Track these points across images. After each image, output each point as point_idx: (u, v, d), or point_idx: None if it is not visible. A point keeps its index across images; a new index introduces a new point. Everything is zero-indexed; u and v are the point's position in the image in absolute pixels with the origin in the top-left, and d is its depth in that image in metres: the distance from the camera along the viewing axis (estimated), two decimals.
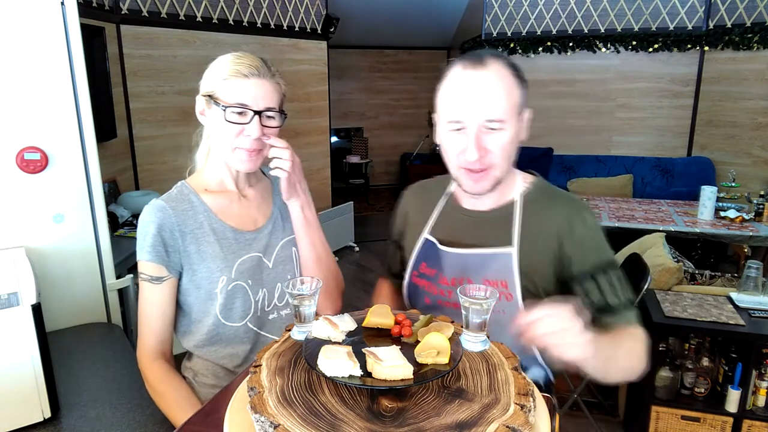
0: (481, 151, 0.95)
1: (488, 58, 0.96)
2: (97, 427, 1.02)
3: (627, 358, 0.94)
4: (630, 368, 0.95)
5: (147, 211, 1.05)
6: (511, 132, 0.96)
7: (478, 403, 0.64)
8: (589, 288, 1.01)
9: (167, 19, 3.52)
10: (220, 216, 1.09)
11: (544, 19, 5.06)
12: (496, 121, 0.94)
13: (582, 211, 1.04)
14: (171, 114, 3.63)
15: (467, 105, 0.94)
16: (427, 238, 1.12)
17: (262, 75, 1.03)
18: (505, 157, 0.98)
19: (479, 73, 0.94)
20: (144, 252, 1.03)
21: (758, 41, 4.21)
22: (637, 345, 0.96)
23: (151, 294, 1.04)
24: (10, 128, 1.35)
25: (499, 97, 0.94)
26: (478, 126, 0.94)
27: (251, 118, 1.01)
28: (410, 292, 1.17)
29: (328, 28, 4.66)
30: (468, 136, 0.95)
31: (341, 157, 7.16)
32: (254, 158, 1.05)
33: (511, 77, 0.97)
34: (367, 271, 4.66)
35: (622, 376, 0.95)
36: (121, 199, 3.07)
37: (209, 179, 1.13)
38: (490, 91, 0.94)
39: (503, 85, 0.95)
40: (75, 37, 1.42)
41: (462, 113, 0.95)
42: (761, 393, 2.05)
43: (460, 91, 0.96)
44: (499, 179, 1.01)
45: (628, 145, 5.09)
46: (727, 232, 3.07)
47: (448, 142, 1.00)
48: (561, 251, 1.02)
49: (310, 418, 0.61)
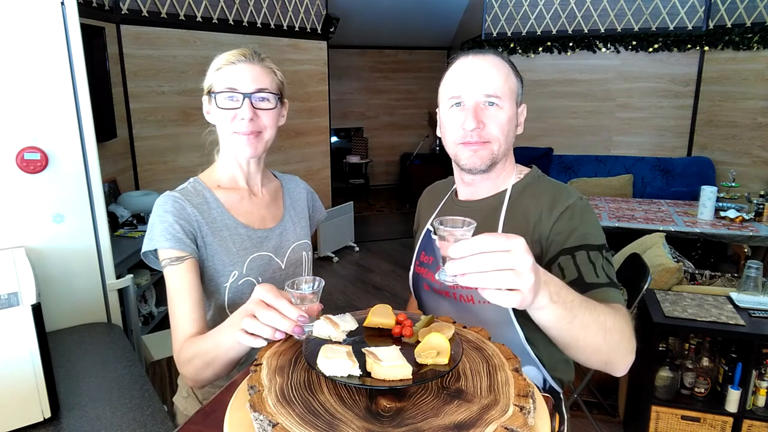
0: (479, 123, 1.00)
1: (489, 50, 1.04)
2: (97, 427, 1.02)
3: (596, 330, 0.78)
4: (599, 345, 0.79)
5: (163, 201, 1.04)
6: (509, 112, 1.02)
7: (477, 404, 0.64)
8: (565, 265, 0.93)
9: (167, 19, 3.52)
10: (232, 212, 1.10)
11: (544, 19, 5.06)
12: (494, 96, 1.00)
13: (568, 194, 1.01)
14: (171, 114, 3.63)
15: (467, 81, 1.01)
16: (428, 228, 1.17)
17: (250, 60, 1.05)
18: (503, 134, 1.02)
19: (479, 58, 1.02)
20: (162, 240, 1.00)
21: (758, 41, 4.21)
22: (611, 320, 0.80)
23: (176, 276, 1.00)
24: (10, 128, 1.35)
25: (497, 76, 1.01)
26: (476, 100, 1.00)
27: (242, 102, 1.03)
28: (414, 281, 1.21)
29: (328, 28, 4.66)
30: (467, 109, 1.01)
31: (341, 157, 7.17)
32: (254, 142, 1.06)
33: (509, 68, 1.04)
34: (367, 271, 4.66)
35: (592, 350, 0.80)
36: (121, 199, 3.08)
37: (221, 175, 1.14)
38: (489, 70, 1.01)
39: (501, 69, 1.02)
40: (75, 37, 1.42)
41: (462, 88, 1.01)
42: (761, 393, 2.05)
43: (462, 72, 1.03)
44: (496, 157, 1.03)
45: (628, 145, 5.09)
46: (727, 232, 3.07)
47: (448, 119, 1.04)
48: (542, 234, 0.98)
49: (308, 417, 0.61)
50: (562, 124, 5.26)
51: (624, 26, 4.87)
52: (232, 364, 0.93)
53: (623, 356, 0.84)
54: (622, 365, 0.85)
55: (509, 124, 1.02)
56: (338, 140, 7.69)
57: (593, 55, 5.02)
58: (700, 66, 4.70)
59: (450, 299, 1.08)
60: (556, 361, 1.06)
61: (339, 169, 6.87)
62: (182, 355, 0.98)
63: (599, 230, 0.98)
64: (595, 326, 0.77)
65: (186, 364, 0.97)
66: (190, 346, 0.96)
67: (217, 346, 0.89)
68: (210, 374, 0.95)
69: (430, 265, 1.14)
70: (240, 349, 0.87)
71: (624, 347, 0.83)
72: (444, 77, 1.07)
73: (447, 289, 1.07)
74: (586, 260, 0.92)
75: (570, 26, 5.01)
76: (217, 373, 0.94)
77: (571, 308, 0.74)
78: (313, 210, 1.31)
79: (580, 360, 0.85)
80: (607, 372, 0.87)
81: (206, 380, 0.97)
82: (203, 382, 0.98)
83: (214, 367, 0.93)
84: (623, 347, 0.83)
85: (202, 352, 0.93)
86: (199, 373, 0.95)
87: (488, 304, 0.95)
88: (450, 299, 1.08)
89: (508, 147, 1.06)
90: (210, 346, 0.91)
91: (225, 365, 0.92)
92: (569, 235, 0.95)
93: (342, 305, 3.92)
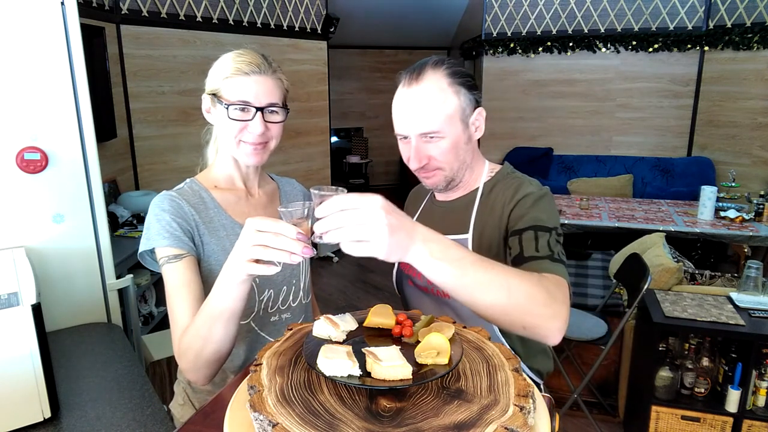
0: (422, 159, 1.04)
1: (426, 71, 1.02)
2: (97, 427, 1.02)
3: (496, 289, 0.77)
4: (503, 305, 0.78)
5: (159, 201, 1.03)
6: (452, 138, 1.03)
7: (477, 404, 0.64)
8: (512, 244, 0.98)
9: (167, 19, 3.52)
10: (229, 212, 1.10)
11: (544, 19, 5.06)
12: (431, 133, 1.02)
13: (528, 184, 1.06)
14: (171, 114, 3.63)
15: (405, 119, 1.04)
16: None
17: (263, 72, 1.04)
18: (450, 160, 1.05)
19: (413, 90, 1.02)
20: (159, 238, 0.99)
21: (758, 41, 4.21)
22: (517, 281, 0.79)
23: (174, 273, 0.99)
24: (10, 128, 1.35)
25: (432, 111, 1.01)
26: (417, 137, 1.03)
27: (254, 115, 1.03)
28: (398, 277, 1.25)
29: (328, 28, 4.66)
30: (410, 147, 1.05)
31: (341, 157, 7.17)
32: (260, 151, 1.06)
33: (447, 87, 1.02)
34: (367, 271, 4.66)
35: (499, 311, 0.79)
36: (121, 199, 3.08)
37: (218, 176, 1.14)
38: (422, 106, 1.01)
39: (436, 98, 1.01)
40: (75, 37, 1.42)
41: (402, 126, 1.05)
42: (761, 393, 2.05)
43: (400, 107, 1.05)
44: (450, 177, 1.09)
45: (628, 145, 5.09)
46: (727, 232, 3.07)
47: (401, 149, 1.09)
48: (503, 222, 1.05)
49: (308, 417, 0.61)
50: (562, 124, 5.27)
51: (624, 26, 4.87)
52: (229, 338, 0.90)
53: (544, 321, 0.81)
54: (547, 331, 0.81)
55: (455, 148, 1.05)
56: (338, 140, 7.69)
57: (593, 55, 5.02)
58: (700, 66, 4.71)
59: (430, 295, 1.13)
60: (533, 353, 1.13)
61: (339, 169, 6.87)
62: (181, 345, 0.94)
63: (554, 217, 1.01)
64: (493, 285, 0.77)
65: (184, 354, 0.93)
66: (186, 331, 0.93)
67: (215, 305, 0.86)
68: (208, 355, 0.91)
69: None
70: (237, 306, 0.85)
71: (540, 310, 0.80)
72: (393, 102, 1.08)
73: (426, 285, 1.12)
74: (531, 238, 0.96)
75: (570, 26, 5.01)
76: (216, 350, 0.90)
77: (459, 266, 0.75)
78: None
79: (499, 325, 0.84)
80: (536, 339, 0.83)
81: (205, 366, 0.93)
82: (202, 372, 0.94)
83: (212, 344, 0.89)
84: (539, 311, 0.80)
85: (198, 326, 0.89)
86: (197, 358, 0.91)
87: None
88: (430, 295, 1.13)
89: (464, 162, 1.09)
90: (206, 314, 0.88)
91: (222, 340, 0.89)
92: (521, 218, 1.00)
93: (342, 305, 3.92)
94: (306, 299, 1.20)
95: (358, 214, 0.67)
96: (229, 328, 0.89)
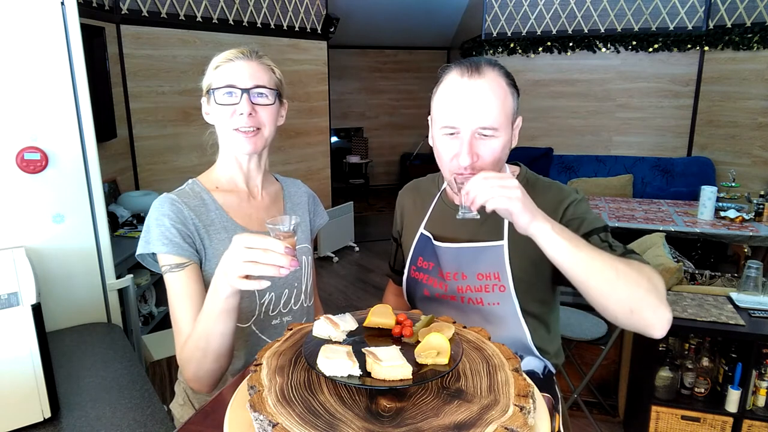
0: (473, 157, 0.97)
1: (485, 67, 0.98)
2: (97, 427, 1.02)
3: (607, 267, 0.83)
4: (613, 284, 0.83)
5: (160, 204, 1.03)
6: (504, 139, 0.99)
7: (477, 404, 0.64)
8: None
9: (167, 19, 3.52)
10: (231, 214, 1.09)
11: (544, 19, 5.06)
12: (490, 128, 0.96)
13: (567, 194, 1.06)
14: (171, 114, 3.63)
15: (463, 112, 0.96)
16: (422, 233, 1.15)
17: (249, 57, 1.06)
18: (495, 162, 1.00)
19: (475, 82, 0.96)
20: (159, 245, 1.00)
21: (758, 41, 4.21)
22: (622, 265, 0.84)
23: (177, 282, 1.00)
24: (10, 128, 1.35)
25: (494, 105, 0.96)
26: (471, 132, 0.97)
27: (240, 97, 1.03)
28: (409, 286, 1.20)
29: (328, 28, 4.66)
30: (462, 141, 0.97)
31: (341, 157, 7.17)
32: (253, 138, 1.06)
33: (506, 86, 0.99)
34: (367, 271, 4.66)
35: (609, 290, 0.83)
36: (121, 199, 3.08)
37: (220, 177, 1.13)
38: (485, 99, 0.96)
39: (498, 94, 0.97)
40: (75, 37, 1.42)
41: (457, 119, 0.97)
42: (761, 393, 2.05)
43: (456, 99, 0.97)
44: None
45: (628, 145, 5.09)
46: (727, 232, 3.07)
47: (442, 146, 1.02)
48: None
49: (308, 417, 0.61)
50: (562, 124, 5.26)
51: (624, 26, 4.87)
52: (226, 342, 0.92)
53: (651, 307, 0.84)
54: (654, 318, 0.85)
55: (503, 150, 1.00)
56: (338, 140, 7.69)
57: (593, 55, 5.02)
58: (700, 66, 4.70)
59: (456, 303, 1.09)
60: (555, 349, 1.14)
61: (339, 169, 6.87)
62: (183, 355, 0.98)
63: (599, 217, 1.05)
64: (603, 264, 0.84)
65: (187, 364, 0.97)
66: (187, 342, 0.96)
67: (207, 317, 0.89)
68: (209, 364, 0.94)
69: (431, 271, 1.12)
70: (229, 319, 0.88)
71: (647, 297, 0.84)
72: (436, 93, 1.02)
73: (454, 293, 1.09)
74: (599, 242, 0.97)
75: (570, 26, 5.01)
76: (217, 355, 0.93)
77: (575, 243, 0.84)
78: (314, 214, 1.28)
79: (607, 309, 0.86)
80: (642, 332, 0.87)
81: (207, 374, 0.96)
82: (204, 379, 0.97)
83: (211, 351, 0.92)
84: (645, 297, 0.84)
85: (197, 337, 0.92)
86: (200, 366, 0.95)
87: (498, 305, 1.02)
88: (456, 303, 1.09)
89: (500, 167, 1.05)
90: (201, 325, 0.91)
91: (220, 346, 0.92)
92: (579, 225, 1.01)
93: (342, 305, 3.92)
94: (308, 302, 1.19)
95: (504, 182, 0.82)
96: (225, 338, 0.92)
